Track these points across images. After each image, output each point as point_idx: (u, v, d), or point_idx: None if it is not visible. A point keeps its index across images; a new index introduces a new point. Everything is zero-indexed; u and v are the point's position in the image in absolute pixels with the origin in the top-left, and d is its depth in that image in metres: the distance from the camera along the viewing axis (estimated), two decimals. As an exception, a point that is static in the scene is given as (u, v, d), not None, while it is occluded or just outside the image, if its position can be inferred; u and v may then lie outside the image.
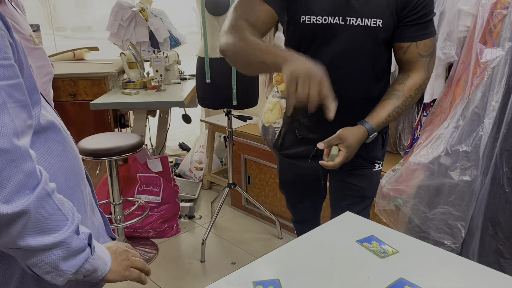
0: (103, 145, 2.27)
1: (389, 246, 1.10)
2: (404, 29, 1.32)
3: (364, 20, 1.28)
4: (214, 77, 2.39)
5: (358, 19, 1.28)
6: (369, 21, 1.28)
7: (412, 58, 1.35)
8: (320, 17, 1.29)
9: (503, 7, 1.72)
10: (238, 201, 3.16)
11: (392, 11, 1.29)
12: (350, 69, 1.36)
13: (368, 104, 1.42)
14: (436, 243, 1.84)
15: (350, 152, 1.30)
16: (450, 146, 1.80)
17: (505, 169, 1.71)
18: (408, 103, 1.37)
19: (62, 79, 2.84)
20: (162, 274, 2.44)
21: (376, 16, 1.28)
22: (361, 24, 1.28)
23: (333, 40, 1.32)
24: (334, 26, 1.30)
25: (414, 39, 1.33)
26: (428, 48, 1.35)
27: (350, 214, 1.30)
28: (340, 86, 1.36)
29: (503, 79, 1.73)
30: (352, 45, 1.32)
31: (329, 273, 1.00)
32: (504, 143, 1.72)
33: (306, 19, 1.31)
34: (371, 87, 1.41)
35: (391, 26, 1.31)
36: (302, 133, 1.53)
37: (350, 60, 1.34)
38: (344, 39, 1.31)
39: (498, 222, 1.78)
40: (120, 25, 3.30)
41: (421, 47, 1.34)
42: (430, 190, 1.87)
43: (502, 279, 0.98)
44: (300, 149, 1.56)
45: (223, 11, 2.30)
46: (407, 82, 1.36)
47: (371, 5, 1.28)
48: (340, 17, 1.29)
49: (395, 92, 1.36)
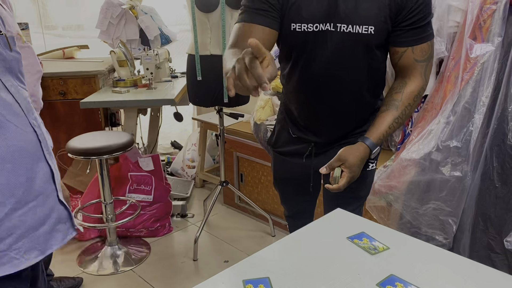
0: (94, 144, 2.25)
1: (379, 243, 1.10)
2: (400, 34, 1.26)
3: (355, 27, 1.23)
4: (205, 75, 2.37)
5: (349, 26, 1.23)
6: (360, 28, 1.23)
7: (408, 63, 1.30)
8: (311, 24, 1.25)
9: (492, 2, 1.72)
10: (231, 199, 3.15)
11: (385, 17, 1.23)
12: (343, 75, 1.33)
13: (362, 107, 1.41)
14: (427, 239, 1.85)
15: (353, 171, 1.27)
16: (441, 142, 1.80)
17: (495, 164, 1.72)
18: (407, 112, 1.32)
19: (52, 78, 2.81)
20: (155, 273, 2.43)
21: (368, 22, 1.23)
22: (352, 31, 1.24)
23: (324, 47, 1.28)
24: (325, 32, 1.26)
25: (410, 44, 1.27)
26: (425, 52, 1.29)
27: (341, 211, 1.30)
28: (333, 91, 1.36)
29: (493, 74, 1.74)
30: (343, 51, 1.28)
31: (320, 270, 0.99)
32: (494, 139, 1.72)
33: (297, 27, 1.26)
34: (365, 91, 1.38)
35: (384, 32, 1.26)
36: (295, 132, 1.52)
37: (343, 66, 1.31)
38: (336, 46, 1.27)
39: (488, 217, 1.79)
40: (110, 23, 3.27)
41: (417, 52, 1.28)
42: (421, 186, 1.87)
43: (493, 274, 0.98)
44: (294, 147, 1.55)
45: (213, 8, 2.28)
46: (404, 90, 1.31)
47: (362, 12, 1.22)
48: (331, 23, 1.24)
49: (393, 102, 1.31)
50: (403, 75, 1.33)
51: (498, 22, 1.72)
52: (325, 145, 1.49)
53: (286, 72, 1.43)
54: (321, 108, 1.41)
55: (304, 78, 1.37)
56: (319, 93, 1.38)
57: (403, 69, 1.32)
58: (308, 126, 1.48)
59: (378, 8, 1.22)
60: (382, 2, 1.22)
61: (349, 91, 1.36)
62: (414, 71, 1.30)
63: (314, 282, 0.95)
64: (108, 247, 2.55)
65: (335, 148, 1.43)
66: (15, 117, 0.99)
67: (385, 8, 1.22)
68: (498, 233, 1.77)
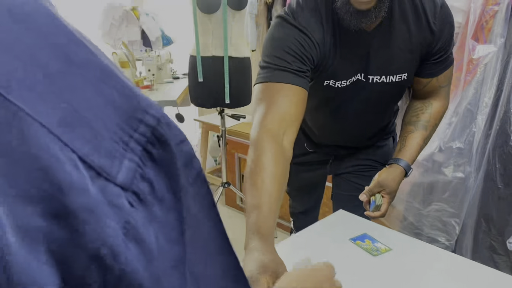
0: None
1: (382, 244, 1.10)
2: (426, 67, 1.26)
3: (388, 77, 1.22)
4: (207, 76, 2.37)
5: (382, 77, 1.22)
6: (394, 77, 1.22)
7: (432, 90, 1.31)
8: (345, 81, 1.22)
9: (495, 3, 1.72)
10: (233, 200, 3.14)
11: (416, 59, 1.22)
12: (372, 116, 1.36)
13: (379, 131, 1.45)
14: (430, 240, 1.84)
15: (393, 197, 1.29)
16: (444, 143, 1.80)
17: (497, 165, 1.71)
18: (433, 131, 1.35)
19: (54, 79, 2.82)
20: (156, 275, 2.42)
21: (401, 71, 1.22)
22: (385, 81, 1.22)
23: (356, 95, 1.27)
24: (356, 83, 1.23)
25: (436, 75, 1.27)
26: (449, 78, 1.30)
27: (343, 212, 1.29)
28: (356, 126, 1.39)
29: (495, 75, 1.73)
30: (375, 98, 1.28)
31: (322, 272, 0.99)
32: (497, 140, 1.72)
33: (331, 83, 1.23)
34: (386, 120, 1.43)
35: (415, 71, 1.26)
36: (311, 147, 1.53)
37: (373, 110, 1.33)
38: (367, 94, 1.26)
39: (491, 218, 1.78)
40: (111, 24, 3.28)
41: (441, 79, 1.29)
42: (424, 187, 1.87)
43: (495, 275, 0.98)
44: (310, 157, 1.56)
45: (215, 9, 2.28)
46: (432, 111, 1.32)
47: (395, 63, 1.20)
48: (363, 74, 1.22)
49: (421, 123, 1.32)
50: (427, 97, 1.33)
51: (501, 23, 1.72)
52: (343, 156, 1.52)
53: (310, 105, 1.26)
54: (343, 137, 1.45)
55: (330, 114, 1.36)
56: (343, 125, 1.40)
57: (427, 94, 1.33)
58: (325, 144, 1.51)
59: (410, 52, 1.19)
60: (414, 44, 1.18)
61: (373, 124, 1.41)
62: (438, 94, 1.32)
63: (317, 284, 0.95)
64: (109, 248, 2.55)
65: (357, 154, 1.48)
66: None
67: (417, 48, 1.19)
68: (501, 234, 1.76)
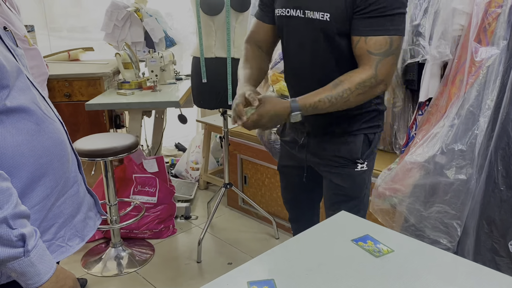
0: (98, 146, 2.26)
1: (384, 245, 1.10)
2: (355, 22, 1.27)
3: (313, 13, 1.31)
4: (210, 77, 2.38)
5: (314, 13, 1.31)
6: (313, 14, 1.31)
7: (361, 53, 1.29)
8: (284, 9, 1.39)
9: (498, 6, 1.72)
10: (235, 201, 3.15)
11: (341, 3, 1.25)
12: (312, 59, 1.40)
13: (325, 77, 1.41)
14: (432, 242, 1.84)
15: (260, 117, 1.30)
16: (446, 145, 1.80)
17: (499, 167, 1.71)
18: (345, 96, 1.29)
19: (57, 80, 2.83)
20: (158, 275, 2.43)
21: (323, 9, 1.29)
22: (313, 17, 1.31)
23: (295, 31, 1.39)
24: (295, 18, 1.37)
25: (362, 34, 1.26)
26: (380, 46, 1.26)
27: (345, 213, 1.30)
28: (305, 73, 1.45)
29: (498, 77, 1.73)
30: (309, 37, 1.36)
31: (324, 272, 1.00)
32: (499, 142, 1.72)
33: (277, 12, 1.44)
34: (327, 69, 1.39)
35: (343, 19, 1.27)
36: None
37: (311, 51, 1.38)
38: (302, 31, 1.37)
39: (493, 221, 1.78)
40: (115, 25, 3.29)
41: (371, 44, 1.26)
42: (426, 189, 1.87)
43: (497, 278, 0.98)
44: (291, 135, 1.63)
45: (218, 11, 2.29)
46: (351, 74, 1.30)
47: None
48: (300, 10, 1.34)
49: (335, 81, 1.31)
50: (359, 64, 1.32)
51: (503, 25, 1.72)
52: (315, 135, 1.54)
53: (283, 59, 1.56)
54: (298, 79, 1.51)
55: (286, 61, 1.53)
56: (298, 77, 1.49)
57: (358, 58, 1.32)
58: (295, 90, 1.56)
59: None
60: None
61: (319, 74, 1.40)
62: (367, 62, 1.28)
63: (319, 285, 0.95)
64: (112, 248, 2.56)
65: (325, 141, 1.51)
66: (47, 110, 1.02)
67: None
68: (503, 236, 1.76)
